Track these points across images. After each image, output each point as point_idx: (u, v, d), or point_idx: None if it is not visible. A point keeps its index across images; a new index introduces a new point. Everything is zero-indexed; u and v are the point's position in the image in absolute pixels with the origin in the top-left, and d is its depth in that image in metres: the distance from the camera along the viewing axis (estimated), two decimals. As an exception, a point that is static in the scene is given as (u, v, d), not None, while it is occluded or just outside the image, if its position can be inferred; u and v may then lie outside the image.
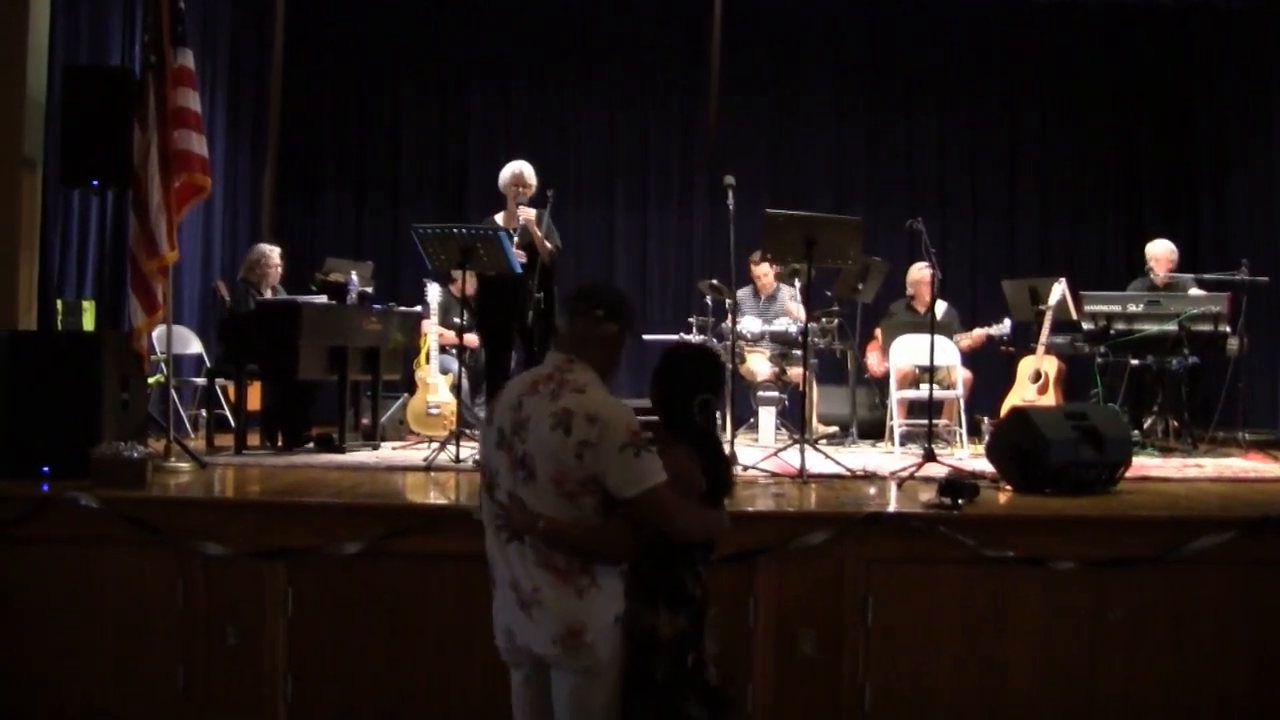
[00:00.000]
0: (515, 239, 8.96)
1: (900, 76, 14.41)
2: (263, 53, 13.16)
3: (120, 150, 7.50)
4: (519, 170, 9.31)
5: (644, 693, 4.18)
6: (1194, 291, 10.59)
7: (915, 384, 10.69)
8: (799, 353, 10.36)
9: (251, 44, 13.00)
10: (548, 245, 8.97)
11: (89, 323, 8.96)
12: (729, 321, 10.08)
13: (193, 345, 11.19)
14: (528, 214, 9.05)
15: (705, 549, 4.33)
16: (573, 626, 4.15)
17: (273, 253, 10.16)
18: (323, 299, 9.55)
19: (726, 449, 7.90)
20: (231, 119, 12.52)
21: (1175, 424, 10.45)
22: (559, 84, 14.27)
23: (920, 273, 11.32)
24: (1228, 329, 10.09)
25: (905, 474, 7.87)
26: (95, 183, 7.90)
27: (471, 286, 9.27)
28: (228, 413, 10.22)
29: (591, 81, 14.29)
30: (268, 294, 9.91)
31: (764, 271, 11.40)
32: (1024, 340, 11.05)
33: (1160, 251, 10.91)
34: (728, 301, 10.28)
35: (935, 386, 9.49)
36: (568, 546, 4.14)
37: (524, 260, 8.84)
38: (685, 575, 4.23)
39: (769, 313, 11.34)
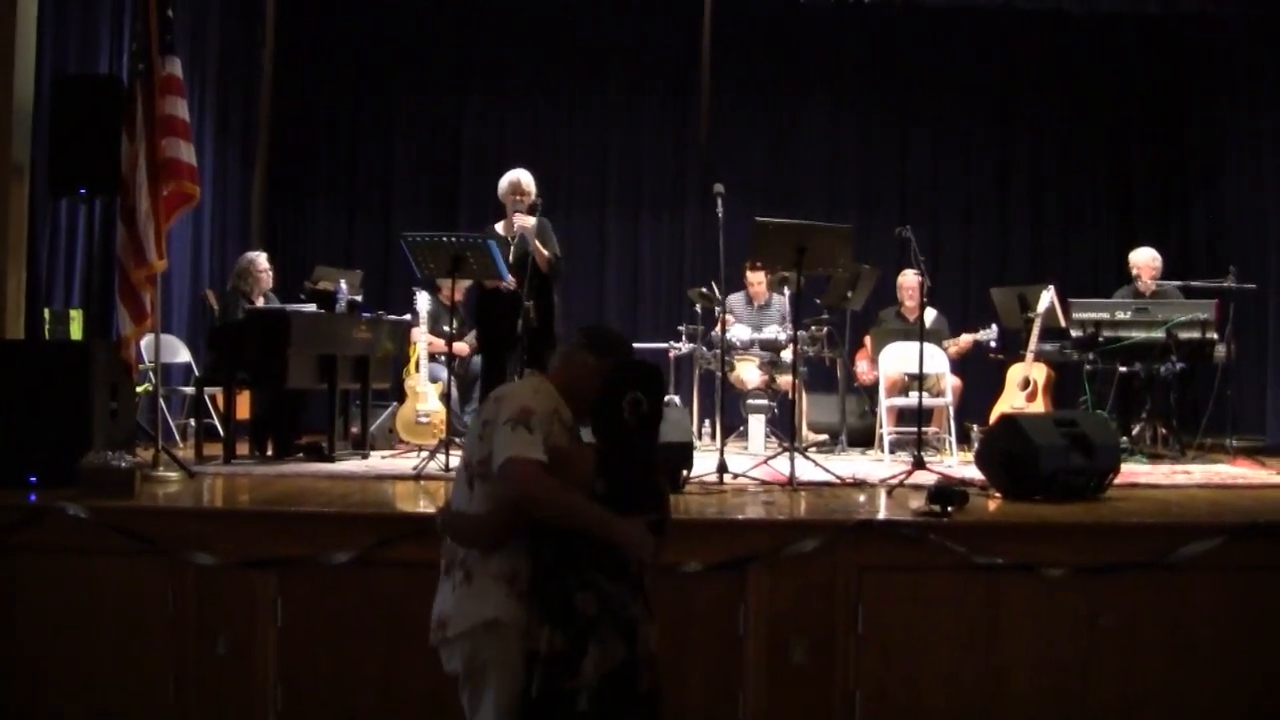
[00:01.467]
0: (514, 247, 8.97)
1: (892, 84, 14.44)
2: (252, 61, 13.15)
3: (108, 158, 7.50)
4: (516, 178, 9.30)
5: (523, 709, 4.15)
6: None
7: (905, 391, 10.71)
8: (788, 360, 10.36)
9: (241, 52, 12.98)
10: (545, 253, 8.95)
11: (77, 332, 8.94)
12: (719, 329, 10.08)
13: (181, 354, 11.16)
14: (525, 222, 9.04)
15: (612, 564, 4.13)
16: (440, 617, 4.33)
17: (260, 259, 10.13)
18: (312, 307, 9.53)
19: (717, 459, 7.97)
20: (220, 127, 12.50)
21: (1164, 431, 10.48)
22: (551, 91, 14.29)
23: (909, 280, 11.34)
24: (1215, 336, 10.12)
25: (895, 481, 7.87)
26: (83, 191, 7.90)
27: (461, 294, 9.26)
28: (217, 422, 10.20)
29: (583, 88, 14.31)
30: (259, 302, 9.90)
31: (758, 279, 11.40)
32: (1013, 348, 11.07)
33: (1144, 259, 10.93)
34: (717, 309, 10.28)
35: (925, 394, 9.49)
36: (451, 535, 4.30)
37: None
38: (574, 590, 4.09)
39: (761, 321, 11.35)
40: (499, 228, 9.31)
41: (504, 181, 9.37)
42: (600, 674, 4.04)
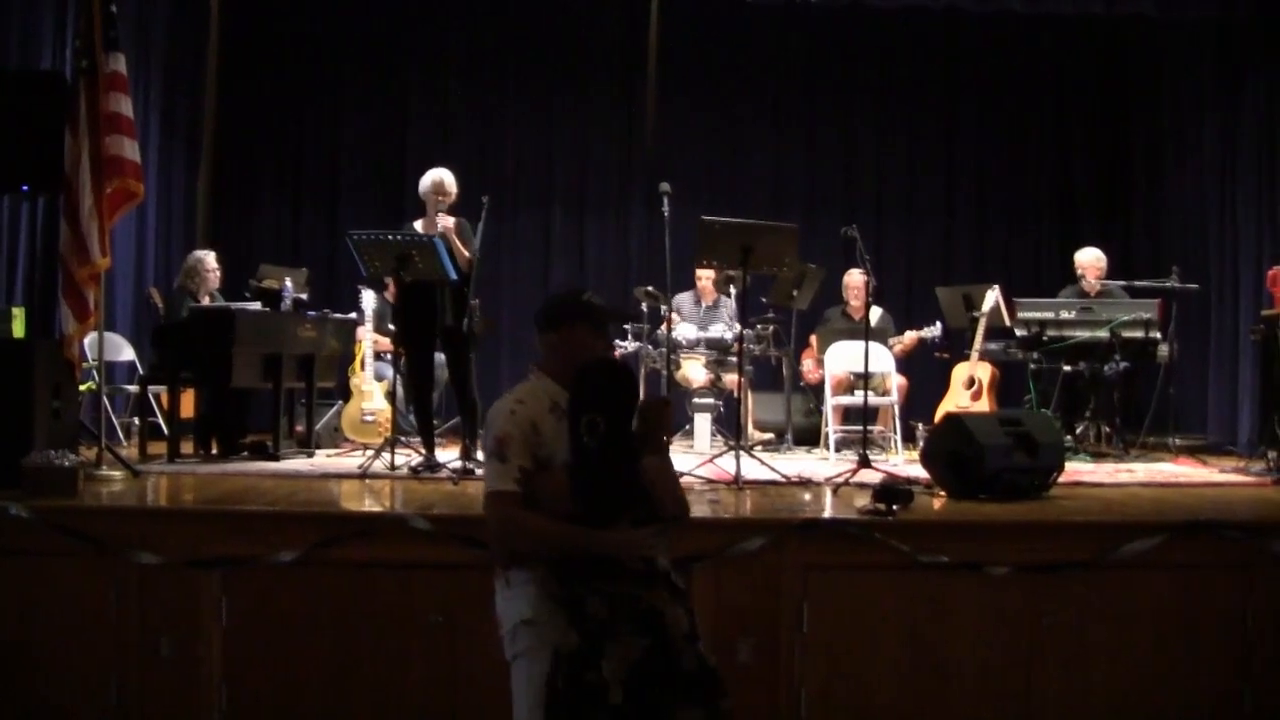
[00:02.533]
0: None
1: (838, 84, 14.47)
2: (197, 58, 13.05)
3: (51, 155, 7.42)
4: (439, 178, 9.25)
5: (550, 702, 4.24)
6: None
7: (850, 390, 10.75)
8: (734, 359, 10.38)
9: (186, 48, 12.88)
10: (465, 253, 8.92)
11: (19, 330, 8.86)
12: (665, 328, 10.08)
13: (125, 352, 11.09)
14: (446, 222, 9.00)
15: (611, 568, 4.23)
16: (497, 617, 4.51)
17: (208, 258, 10.08)
18: (257, 306, 9.49)
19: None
20: (166, 124, 12.40)
21: (1107, 429, 10.56)
22: (496, 90, 14.24)
23: (855, 280, 11.38)
24: (1158, 335, 10.20)
25: (840, 480, 7.91)
26: (25, 188, 7.84)
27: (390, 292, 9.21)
28: (161, 420, 10.15)
29: (529, 87, 14.27)
30: (205, 300, 9.84)
31: (707, 275, 11.41)
32: (958, 347, 11.13)
33: (1088, 259, 10.99)
34: (663, 308, 10.29)
35: (870, 393, 9.54)
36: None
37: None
38: (585, 595, 4.20)
39: (708, 320, 11.36)
40: (418, 225, 9.27)
41: (426, 180, 9.30)
42: (626, 668, 4.12)
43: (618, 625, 4.16)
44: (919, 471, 7.95)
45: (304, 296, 9.98)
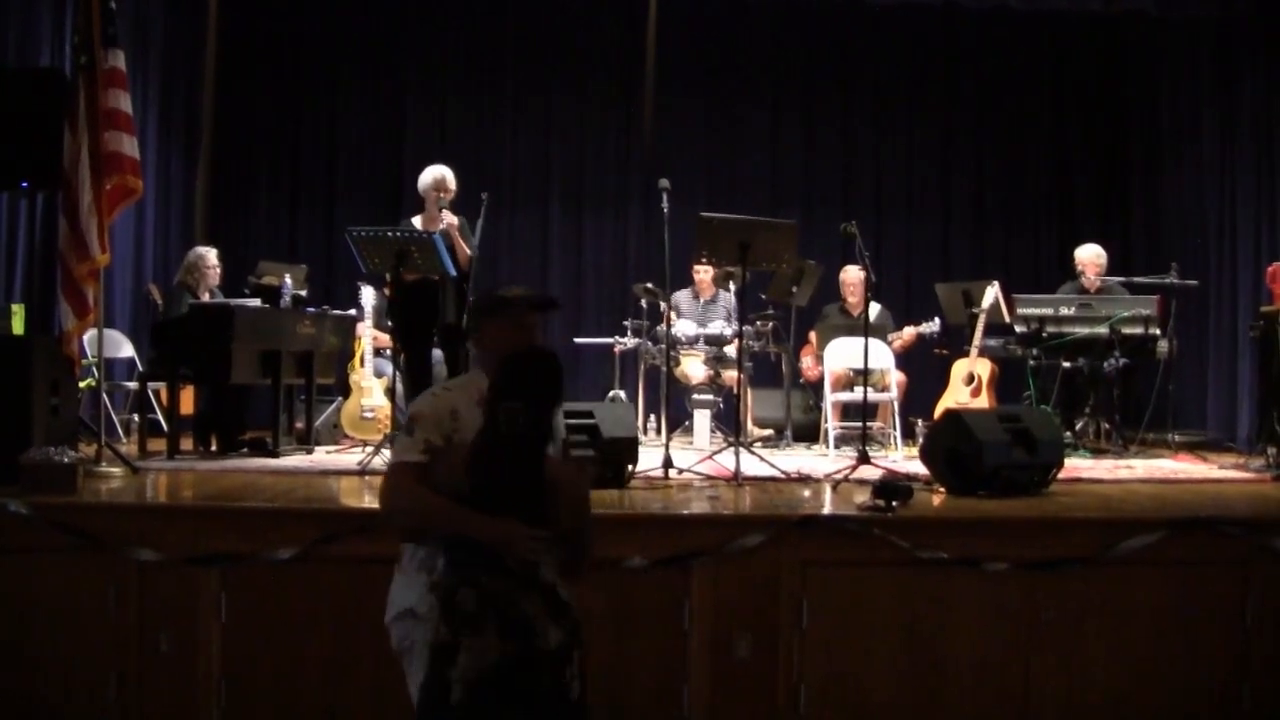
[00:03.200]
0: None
1: (836, 81, 14.48)
2: (195, 54, 13.05)
3: (50, 152, 7.41)
4: (440, 175, 9.26)
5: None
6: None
7: (849, 387, 10.75)
8: (734, 355, 10.38)
9: (184, 45, 12.88)
10: (466, 251, 8.92)
11: (19, 327, 8.85)
12: (663, 325, 10.08)
13: (125, 349, 11.09)
14: (450, 219, 9.01)
15: (493, 561, 4.07)
16: (388, 601, 4.46)
17: (210, 254, 10.08)
18: (256, 302, 9.49)
19: (662, 454, 7.97)
20: (164, 121, 12.41)
21: (1106, 426, 10.57)
22: (494, 86, 14.23)
23: (853, 276, 11.38)
24: (1158, 332, 10.21)
25: (840, 476, 7.91)
26: (25, 185, 7.82)
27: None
28: (160, 417, 10.14)
29: (527, 84, 14.26)
30: (205, 297, 9.83)
31: (706, 271, 11.41)
32: (957, 343, 11.13)
33: (1088, 256, 11.00)
34: (662, 305, 10.29)
35: (869, 389, 9.54)
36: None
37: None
38: (456, 586, 4.07)
39: (706, 316, 11.36)
40: (417, 222, 9.27)
41: (427, 177, 9.32)
42: (476, 669, 3.98)
43: (482, 623, 4.01)
44: (918, 468, 7.95)
45: (303, 293, 9.97)
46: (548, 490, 4.14)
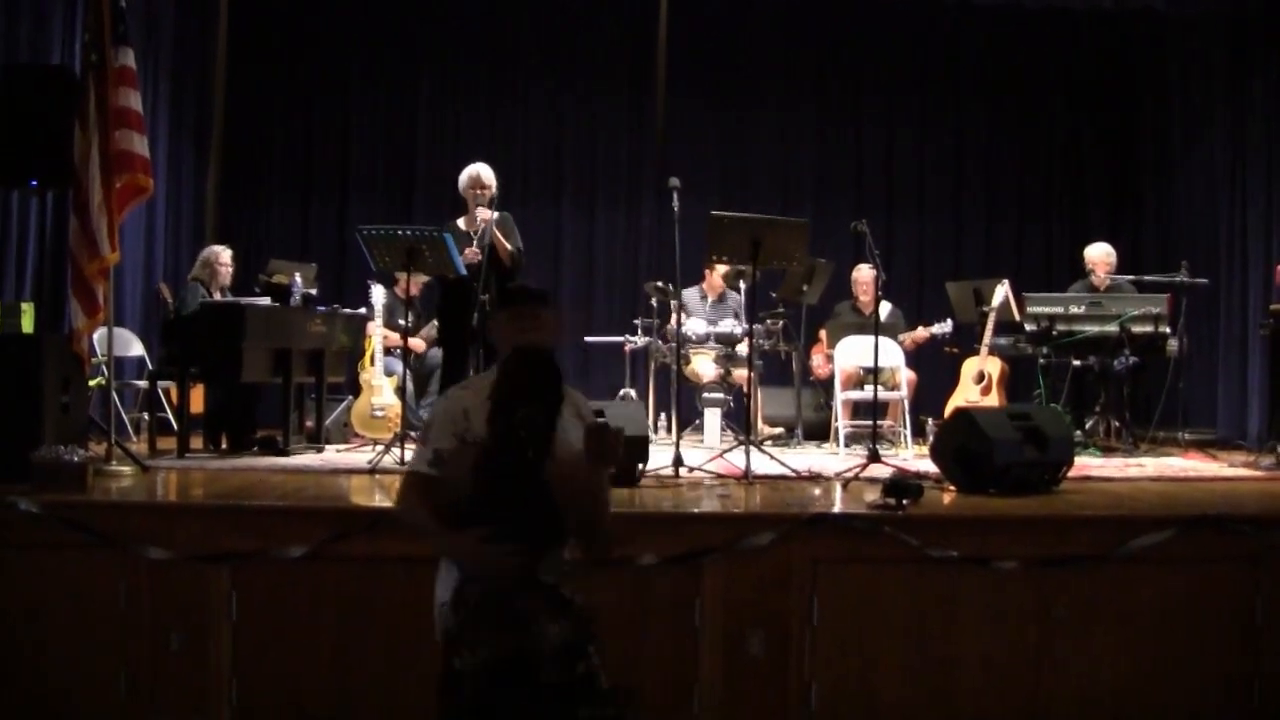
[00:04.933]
0: (476, 242, 8.96)
1: (848, 78, 14.50)
2: (206, 52, 13.05)
3: (60, 150, 7.40)
4: (476, 172, 9.28)
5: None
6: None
7: (860, 385, 10.75)
8: (744, 353, 10.38)
9: (195, 43, 12.89)
10: (507, 247, 8.95)
11: (28, 325, 8.84)
12: (674, 322, 10.08)
13: (134, 347, 11.10)
14: (487, 215, 9.03)
15: (470, 569, 4.18)
16: None
17: (224, 252, 10.09)
18: (266, 301, 9.49)
19: (673, 452, 7.97)
20: (175, 119, 12.42)
21: (1116, 424, 10.56)
22: (506, 83, 14.25)
23: (864, 274, 11.38)
24: (1168, 330, 10.20)
25: (850, 475, 7.90)
26: (35, 183, 7.82)
27: (417, 288, 9.20)
28: (170, 416, 10.15)
29: (539, 81, 14.29)
30: (216, 295, 9.84)
31: (716, 274, 11.42)
32: (968, 341, 11.13)
33: (1098, 254, 11.00)
34: (673, 303, 10.29)
35: (880, 388, 9.53)
36: None
37: (476, 262, 8.79)
38: (466, 580, 4.17)
39: (716, 315, 11.36)
40: (461, 223, 9.29)
41: (464, 176, 9.35)
42: (477, 663, 4.03)
43: (483, 619, 4.08)
44: (928, 466, 7.94)
45: (313, 292, 9.98)
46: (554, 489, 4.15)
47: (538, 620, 4.08)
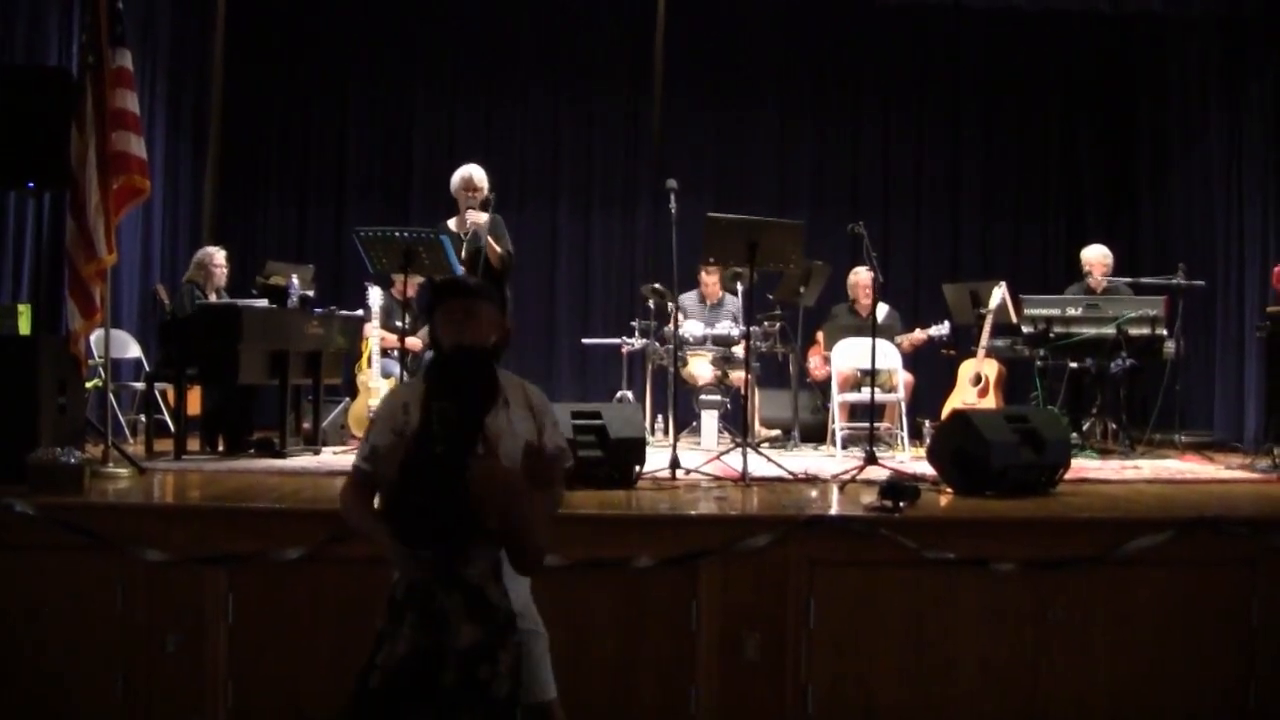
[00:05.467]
0: (467, 243, 8.96)
1: (844, 80, 14.52)
2: (203, 53, 13.04)
3: (57, 151, 7.39)
4: (469, 174, 9.28)
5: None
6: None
7: (857, 387, 10.75)
8: (741, 356, 10.38)
9: (192, 45, 12.90)
10: (497, 249, 8.95)
11: (25, 326, 8.85)
12: (671, 325, 10.08)
13: (131, 349, 11.10)
14: (477, 218, 9.02)
15: (399, 566, 4.12)
16: None
17: (218, 254, 10.10)
18: (263, 303, 9.49)
19: (669, 454, 7.97)
20: (172, 121, 12.43)
21: (1113, 426, 10.57)
22: (503, 86, 14.27)
23: (861, 277, 11.38)
24: (1165, 332, 10.20)
25: (847, 477, 7.89)
26: (32, 185, 7.82)
27: (414, 289, 9.19)
28: (167, 417, 10.15)
29: (536, 84, 14.31)
30: (212, 297, 9.84)
31: (711, 279, 11.44)
32: (965, 343, 11.13)
33: (1095, 256, 11.01)
34: (670, 305, 10.29)
35: (877, 390, 9.52)
36: None
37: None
38: (397, 579, 4.11)
39: (713, 318, 11.36)
40: (452, 224, 9.29)
41: (456, 177, 9.35)
42: (391, 658, 4.01)
43: (404, 615, 4.03)
44: (925, 468, 7.94)
45: (310, 293, 9.98)
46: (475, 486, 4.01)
47: (456, 620, 4.02)
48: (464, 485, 3.91)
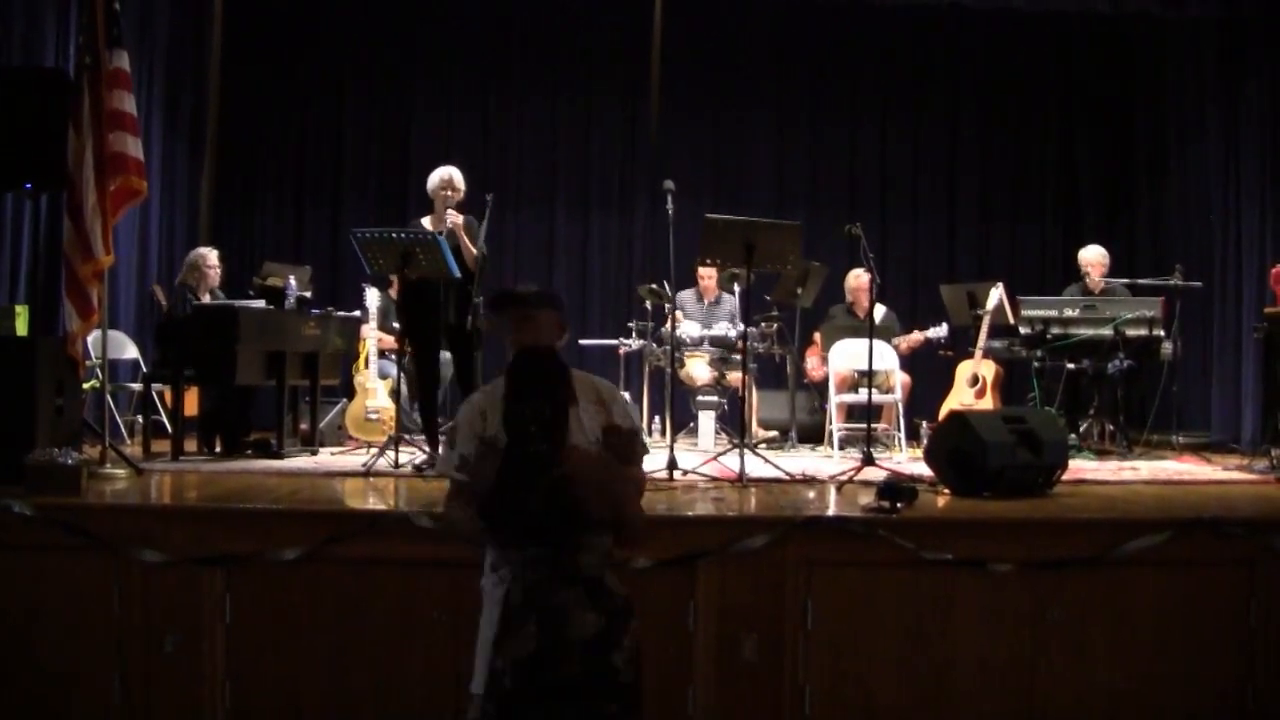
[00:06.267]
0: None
1: (841, 81, 14.51)
2: (200, 54, 13.05)
3: (54, 153, 7.38)
4: (448, 174, 9.25)
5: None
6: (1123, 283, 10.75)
7: (854, 388, 10.76)
8: (738, 357, 10.38)
9: (189, 46, 12.89)
10: (472, 250, 8.92)
11: (22, 328, 8.84)
12: (668, 326, 10.09)
13: (129, 350, 11.10)
14: (455, 218, 9.01)
15: (532, 560, 4.24)
16: None
17: (210, 254, 10.07)
18: (260, 304, 9.48)
19: (667, 455, 7.97)
20: (169, 122, 12.41)
21: (1111, 427, 10.58)
22: (500, 88, 14.27)
23: (858, 278, 11.38)
24: (1162, 333, 10.21)
25: (844, 478, 7.90)
26: (29, 186, 7.81)
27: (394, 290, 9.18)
28: (165, 418, 10.13)
29: (533, 85, 14.29)
30: (206, 298, 9.82)
31: (709, 274, 11.43)
32: (962, 344, 11.13)
33: (1092, 257, 11.01)
34: (667, 306, 10.29)
35: (874, 390, 9.53)
36: None
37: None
38: (511, 581, 4.26)
39: (711, 318, 11.36)
40: (426, 222, 9.26)
41: (435, 176, 9.31)
42: (513, 659, 4.11)
43: (525, 615, 4.14)
44: (923, 469, 7.94)
45: (307, 294, 9.97)
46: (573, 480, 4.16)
47: (576, 612, 4.16)
48: (564, 478, 4.08)
